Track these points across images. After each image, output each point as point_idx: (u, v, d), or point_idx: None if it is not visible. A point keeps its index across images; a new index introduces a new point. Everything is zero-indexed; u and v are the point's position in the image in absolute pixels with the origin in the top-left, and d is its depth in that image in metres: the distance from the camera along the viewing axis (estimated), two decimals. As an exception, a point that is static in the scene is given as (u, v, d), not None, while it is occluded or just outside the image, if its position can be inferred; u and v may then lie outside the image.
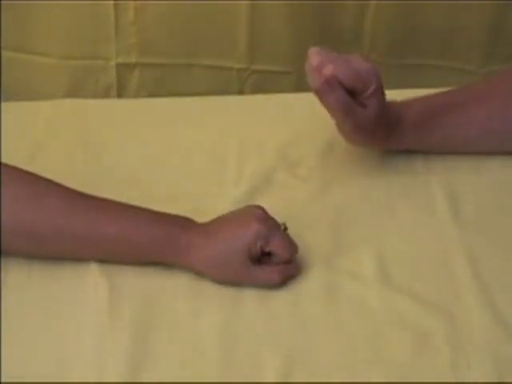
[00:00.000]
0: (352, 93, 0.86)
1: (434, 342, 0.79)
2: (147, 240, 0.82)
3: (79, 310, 0.81)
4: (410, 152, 0.97)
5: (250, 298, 0.83)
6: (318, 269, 0.86)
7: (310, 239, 0.88)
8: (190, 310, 0.82)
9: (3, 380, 0.75)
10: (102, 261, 0.84)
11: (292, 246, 0.84)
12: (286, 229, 0.85)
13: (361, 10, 1.23)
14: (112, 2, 1.18)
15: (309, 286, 0.84)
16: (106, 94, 1.26)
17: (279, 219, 0.84)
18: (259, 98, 1.14)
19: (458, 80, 1.26)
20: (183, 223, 0.84)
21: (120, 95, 1.26)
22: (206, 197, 0.92)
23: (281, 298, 0.83)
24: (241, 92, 1.26)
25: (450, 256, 0.87)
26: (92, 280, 0.84)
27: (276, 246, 0.82)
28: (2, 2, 1.17)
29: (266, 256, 0.83)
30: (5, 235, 0.81)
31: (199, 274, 0.84)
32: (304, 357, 0.78)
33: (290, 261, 0.83)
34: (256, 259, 0.82)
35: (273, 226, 0.83)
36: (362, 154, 0.99)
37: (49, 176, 0.86)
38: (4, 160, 0.89)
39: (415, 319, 0.81)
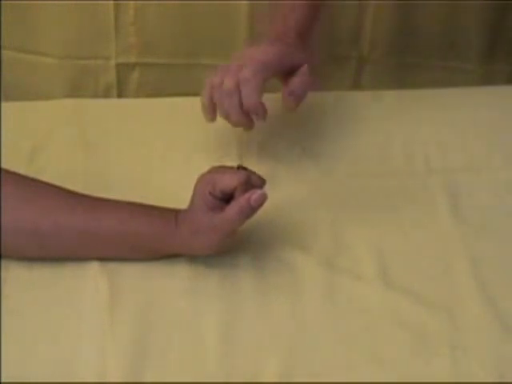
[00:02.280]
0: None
1: (434, 342, 0.79)
2: (146, 228, 0.83)
3: (80, 309, 0.81)
4: (410, 152, 0.97)
5: (250, 298, 0.83)
6: (318, 268, 0.86)
7: (310, 239, 0.88)
8: (191, 310, 0.82)
9: (3, 380, 0.75)
10: (103, 260, 0.85)
11: (237, 175, 0.81)
12: (241, 168, 0.83)
13: (360, 10, 1.23)
14: (112, 2, 1.18)
15: (309, 285, 0.84)
16: (106, 94, 1.26)
17: (280, 219, 0.84)
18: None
19: (458, 80, 1.26)
20: (176, 213, 0.84)
21: (120, 95, 1.26)
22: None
23: (281, 298, 0.83)
24: (240, 91, 1.26)
25: (451, 256, 0.87)
26: (92, 279, 0.84)
27: (223, 184, 0.80)
28: (3, 2, 1.17)
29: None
30: (6, 236, 0.81)
31: (193, 254, 0.84)
32: (304, 357, 0.78)
33: (246, 188, 0.80)
34: (219, 207, 0.81)
35: (218, 170, 0.82)
36: (362, 154, 0.99)
37: (49, 176, 0.86)
38: (4, 160, 0.89)
39: (415, 319, 0.81)
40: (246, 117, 0.91)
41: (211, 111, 0.93)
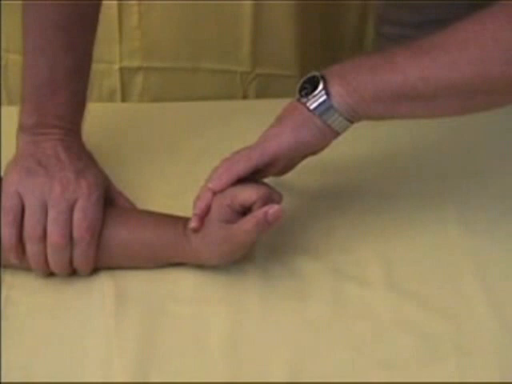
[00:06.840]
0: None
1: (441, 347, 0.79)
2: (154, 238, 0.83)
3: (86, 314, 0.81)
4: (416, 155, 0.97)
5: (256, 304, 0.82)
6: (325, 274, 0.85)
7: (315, 243, 0.88)
8: (196, 315, 0.82)
9: (3, 380, 0.75)
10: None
11: (259, 189, 0.79)
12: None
13: (363, 12, 1.23)
14: (116, 5, 1.18)
15: (316, 291, 0.84)
16: (109, 98, 1.26)
17: (287, 225, 0.84)
18: (263, 102, 1.14)
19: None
20: (184, 221, 0.84)
21: (124, 99, 1.26)
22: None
23: (286, 303, 0.83)
24: (245, 95, 1.26)
25: (457, 260, 0.87)
26: (99, 284, 0.84)
27: (243, 198, 0.79)
28: (3, 2, 1.17)
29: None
30: None
31: (201, 263, 0.84)
32: (309, 361, 0.78)
33: (265, 203, 0.79)
34: (235, 219, 0.80)
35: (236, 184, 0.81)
36: (366, 157, 0.99)
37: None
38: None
39: (421, 324, 0.81)
40: None
41: None
